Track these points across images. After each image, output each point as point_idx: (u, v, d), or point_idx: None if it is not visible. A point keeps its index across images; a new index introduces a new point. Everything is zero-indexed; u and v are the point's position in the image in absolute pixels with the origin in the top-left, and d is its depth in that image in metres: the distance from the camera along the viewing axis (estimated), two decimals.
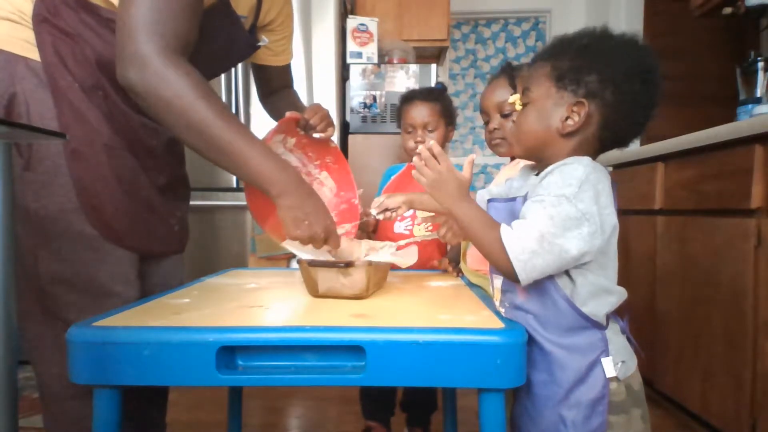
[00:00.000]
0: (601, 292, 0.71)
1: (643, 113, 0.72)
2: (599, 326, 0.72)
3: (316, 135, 1.11)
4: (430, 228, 1.18)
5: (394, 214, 1.01)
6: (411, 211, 1.38)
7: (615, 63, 0.70)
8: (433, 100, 1.41)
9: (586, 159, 0.70)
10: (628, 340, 0.77)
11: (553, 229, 0.65)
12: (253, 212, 1.01)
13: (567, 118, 0.72)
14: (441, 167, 0.75)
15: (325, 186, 1.19)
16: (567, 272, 0.70)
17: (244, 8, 1.03)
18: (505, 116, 1.13)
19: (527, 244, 0.66)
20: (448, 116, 1.43)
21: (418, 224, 1.37)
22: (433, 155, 0.76)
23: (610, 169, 2.37)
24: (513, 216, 0.72)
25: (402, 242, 1.15)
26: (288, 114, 1.05)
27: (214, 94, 0.82)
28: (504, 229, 0.68)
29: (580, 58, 0.71)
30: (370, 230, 1.39)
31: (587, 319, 0.71)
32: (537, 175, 0.75)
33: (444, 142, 1.43)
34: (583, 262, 0.69)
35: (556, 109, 0.73)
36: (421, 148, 0.77)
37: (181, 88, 0.78)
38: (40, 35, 0.85)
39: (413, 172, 0.78)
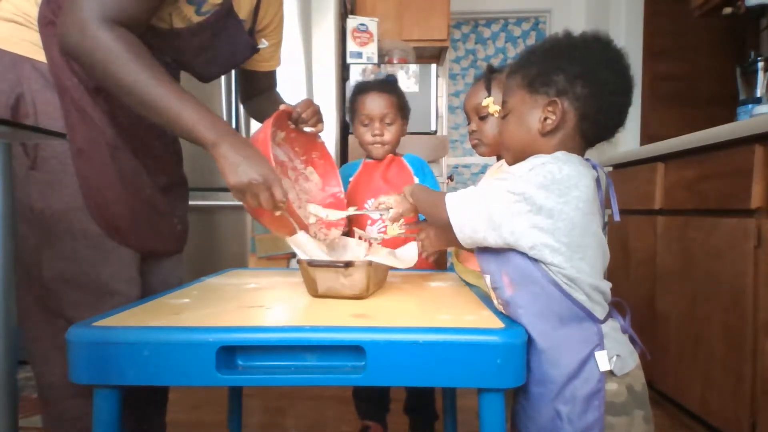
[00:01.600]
0: (580, 281, 0.71)
1: (617, 100, 0.75)
2: (594, 319, 0.71)
3: (306, 129, 1.12)
4: (403, 225, 1.13)
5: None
6: (378, 214, 1.33)
7: (579, 58, 0.73)
8: (390, 92, 1.37)
9: (559, 153, 0.73)
10: (632, 340, 0.77)
11: (487, 193, 0.72)
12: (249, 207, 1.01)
13: (545, 118, 0.75)
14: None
15: (311, 181, 1.20)
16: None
17: (244, 12, 1.05)
18: (482, 118, 1.14)
19: (461, 196, 0.76)
20: (403, 110, 1.40)
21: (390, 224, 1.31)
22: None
23: (609, 169, 2.37)
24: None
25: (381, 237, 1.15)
26: (281, 107, 1.06)
27: (148, 55, 0.84)
28: (448, 194, 0.77)
29: (545, 62, 0.75)
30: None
31: (581, 308, 0.70)
32: None
33: (400, 136, 1.40)
34: (530, 246, 0.71)
35: (533, 113, 0.76)
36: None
37: (113, 51, 0.80)
38: (46, 37, 0.87)
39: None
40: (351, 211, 1.13)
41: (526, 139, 0.78)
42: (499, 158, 1.16)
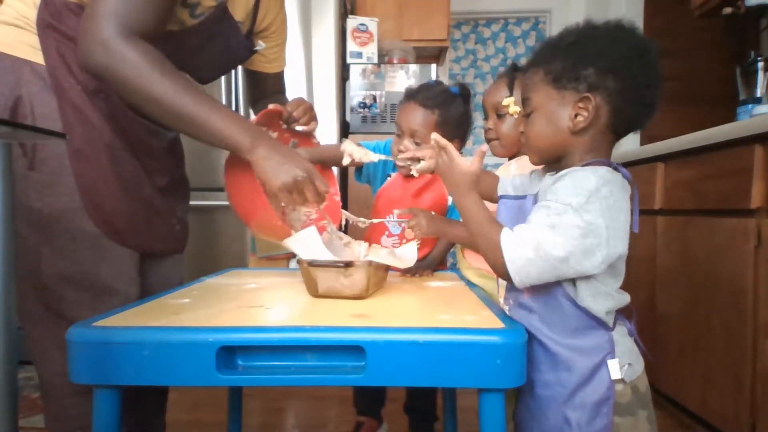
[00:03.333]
0: (600, 295, 0.71)
1: (648, 92, 0.72)
2: (605, 327, 0.71)
3: (298, 128, 1.11)
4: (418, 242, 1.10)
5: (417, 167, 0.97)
6: (399, 230, 1.31)
7: (607, 51, 0.70)
8: (433, 107, 1.17)
9: (603, 169, 0.69)
10: (636, 343, 0.77)
11: (552, 238, 0.65)
12: (238, 211, 1.01)
13: (576, 115, 0.72)
14: (445, 158, 0.75)
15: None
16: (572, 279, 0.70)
17: (241, 13, 1.04)
18: (500, 117, 1.11)
19: (523, 251, 0.66)
20: (454, 128, 1.19)
21: (406, 241, 1.22)
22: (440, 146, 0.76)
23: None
24: (521, 214, 0.73)
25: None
26: (270, 106, 1.05)
27: (172, 67, 0.85)
28: (505, 231, 0.68)
29: (572, 56, 0.71)
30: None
31: (593, 318, 0.70)
32: (554, 174, 0.75)
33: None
34: (585, 275, 0.68)
35: (562, 110, 0.72)
36: (434, 135, 0.77)
37: (139, 65, 0.81)
38: (45, 40, 0.87)
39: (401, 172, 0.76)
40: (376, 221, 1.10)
41: (555, 139, 0.74)
42: (511, 158, 1.16)
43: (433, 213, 1.03)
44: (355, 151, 1.07)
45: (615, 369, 0.70)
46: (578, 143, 0.73)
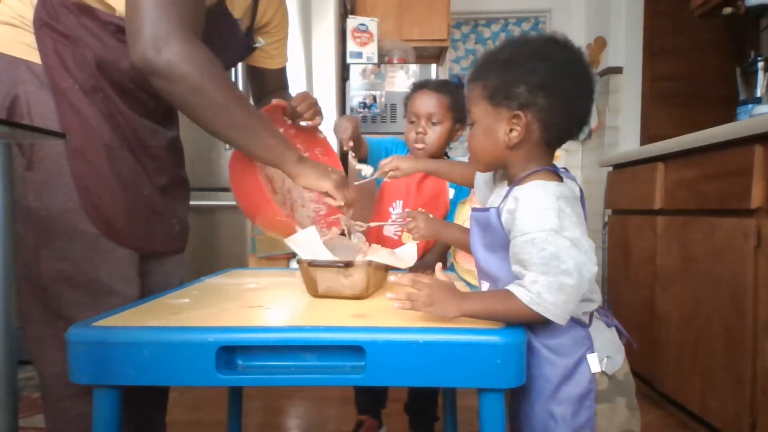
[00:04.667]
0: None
1: (578, 106, 0.75)
2: (582, 324, 0.74)
3: (303, 123, 1.11)
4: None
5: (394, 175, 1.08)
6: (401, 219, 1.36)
7: (538, 68, 0.72)
8: (445, 93, 1.31)
9: (551, 185, 0.72)
10: (618, 332, 0.79)
11: (563, 265, 0.66)
12: (244, 208, 1.01)
13: (511, 130, 0.75)
14: (425, 281, 0.72)
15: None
16: None
17: (240, 10, 1.04)
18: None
19: (555, 297, 0.67)
20: (458, 112, 1.32)
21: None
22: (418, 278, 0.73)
23: (609, 169, 2.37)
24: (489, 226, 0.76)
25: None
26: (274, 101, 1.05)
27: (228, 73, 0.89)
28: (520, 293, 0.68)
29: (505, 73, 0.74)
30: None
31: (570, 320, 0.72)
32: (505, 182, 0.81)
33: (448, 139, 1.35)
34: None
35: (498, 125, 0.75)
36: (397, 279, 0.73)
37: (203, 67, 0.81)
38: (41, 39, 0.86)
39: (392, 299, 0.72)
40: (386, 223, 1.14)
41: (494, 151, 0.78)
42: None
43: (431, 215, 1.03)
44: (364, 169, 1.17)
45: (595, 363, 0.73)
46: (516, 156, 0.77)
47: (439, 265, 0.79)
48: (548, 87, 0.72)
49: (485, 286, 0.82)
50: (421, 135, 1.31)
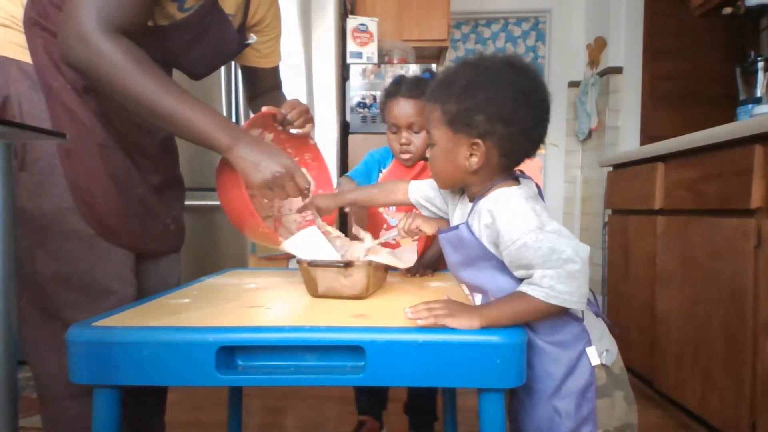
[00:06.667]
0: None
1: (536, 131, 0.77)
2: (577, 318, 0.76)
3: (293, 131, 1.10)
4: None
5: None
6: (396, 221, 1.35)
7: (496, 97, 0.73)
8: (420, 96, 1.24)
9: (514, 189, 0.75)
10: (605, 321, 0.81)
11: (564, 254, 0.68)
12: (230, 218, 1.01)
13: (471, 155, 0.76)
14: (438, 299, 0.72)
15: None
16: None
17: (231, 6, 1.03)
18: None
19: (568, 286, 0.68)
20: None
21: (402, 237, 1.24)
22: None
23: (610, 169, 2.37)
24: (461, 243, 0.78)
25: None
26: (264, 108, 1.04)
27: (153, 65, 0.84)
28: (535, 291, 0.69)
29: (464, 100, 0.74)
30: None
31: (566, 312, 0.74)
32: (466, 198, 0.84)
33: None
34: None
35: (458, 150, 0.77)
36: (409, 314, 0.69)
37: (119, 62, 0.80)
38: (32, 38, 0.86)
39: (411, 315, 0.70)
40: (391, 234, 1.08)
41: (455, 174, 0.80)
42: None
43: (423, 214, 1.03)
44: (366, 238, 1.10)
45: (594, 356, 0.75)
46: (477, 178, 0.79)
47: (448, 293, 0.80)
48: (507, 117, 0.73)
49: (478, 299, 0.83)
50: (406, 146, 1.29)
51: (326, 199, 1.06)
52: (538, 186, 0.81)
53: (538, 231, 0.69)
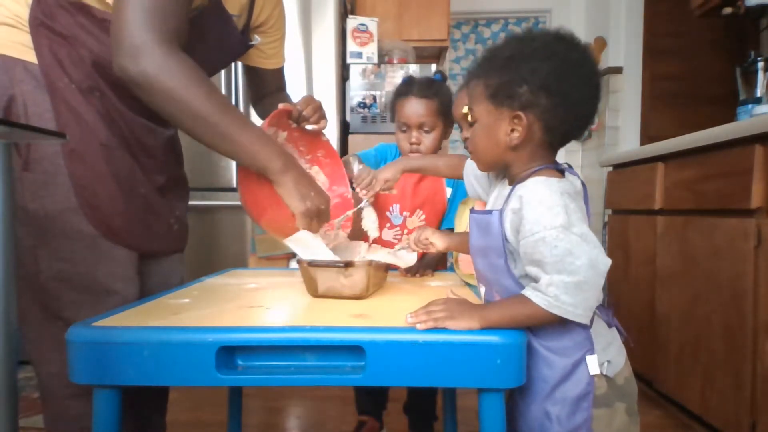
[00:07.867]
0: None
1: (584, 107, 0.73)
2: (583, 326, 0.72)
3: (308, 127, 1.11)
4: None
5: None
6: (401, 220, 1.36)
7: (541, 68, 0.70)
8: (432, 96, 1.28)
9: (553, 181, 0.71)
10: (618, 330, 0.78)
11: (578, 262, 0.65)
12: (250, 208, 1.01)
13: (512, 130, 0.73)
14: (439, 300, 0.72)
15: (318, 181, 1.18)
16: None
17: (235, 6, 1.03)
18: (472, 125, 1.14)
19: (573, 298, 0.66)
20: (447, 113, 1.30)
21: (407, 234, 1.28)
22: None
23: (609, 169, 2.37)
24: (488, 229, 0.75)
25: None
26: (281, 106, 1.05)
27: (211, 82, 0.86)
28: (538, 298, 0.67)
29: (507, 72, 0.72)
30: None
31: (570, 321, 0.70)
32: (506, 181, 0.80)
33: (442, 140, 1.34)
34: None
35: (499, 125, 0.74)
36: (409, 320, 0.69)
37: (181, 78, 0.81)
38: (37, 38, 0.86)
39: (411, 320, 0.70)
40: (397, 247, 1.09)
41: (496, 151, 0.76)
42: None
43: (441, 229, 1.03)
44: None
45: (594, 365, 0.72)
46: (518, 156, 0.75)
47: (450, 289, 0.79)
48: (551, 88, 0.70)
49: (483, 289, 0.82)
50: (416, 145, 1.30)
51: (391, 167, 1.08)
52: (584, 185, 0.75)
53: (561, 229, 0.66)
